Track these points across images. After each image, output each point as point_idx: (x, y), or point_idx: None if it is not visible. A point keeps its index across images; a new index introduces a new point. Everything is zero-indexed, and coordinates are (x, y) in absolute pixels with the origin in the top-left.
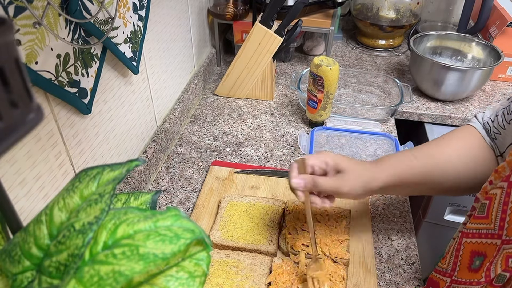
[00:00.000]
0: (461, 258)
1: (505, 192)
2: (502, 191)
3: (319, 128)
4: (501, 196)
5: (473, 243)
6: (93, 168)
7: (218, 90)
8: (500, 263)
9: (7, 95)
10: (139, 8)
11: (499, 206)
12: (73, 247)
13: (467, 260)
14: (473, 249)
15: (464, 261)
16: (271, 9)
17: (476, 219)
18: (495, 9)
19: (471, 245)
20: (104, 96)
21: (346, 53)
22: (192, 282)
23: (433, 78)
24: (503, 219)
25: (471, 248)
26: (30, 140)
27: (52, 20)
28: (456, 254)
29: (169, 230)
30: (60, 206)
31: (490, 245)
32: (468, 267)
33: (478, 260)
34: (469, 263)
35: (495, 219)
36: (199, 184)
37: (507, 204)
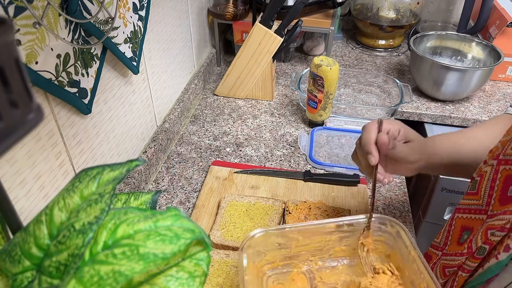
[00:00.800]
0: (452, 233)
1: (494, 169)
2: (492, 168)
3: (319, 128)
4: (490, 173)
5: (463, 218)
6: (93, 168)
7: (218, 90)
8: (481, 236)
9: (7, 95)
10: (139, 8)
11: (488, 183)
12: (73, 247)
13: (457, 235)
14: (463, 224)
15: (454, 236)
16: (271, 9)
17: (467, 195)
18: (495, 9)
19: (462, 220)
20: (104, 96)
21: (346, 53)
22: (192, 282)
23: (433, 78)
24: (490, 195)
25: (462, 223)
26: (30, 140)
27: (52, 20)
28: (448, 229)
29: (169, 230)
30: (60, 206)
31: (477, 220)
32: (457, 241)
33: (466, 235)
34: (459, 237)
35: (483, 195)
36: (199, 184)
37: (495, 181)
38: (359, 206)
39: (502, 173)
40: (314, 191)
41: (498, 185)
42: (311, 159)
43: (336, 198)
